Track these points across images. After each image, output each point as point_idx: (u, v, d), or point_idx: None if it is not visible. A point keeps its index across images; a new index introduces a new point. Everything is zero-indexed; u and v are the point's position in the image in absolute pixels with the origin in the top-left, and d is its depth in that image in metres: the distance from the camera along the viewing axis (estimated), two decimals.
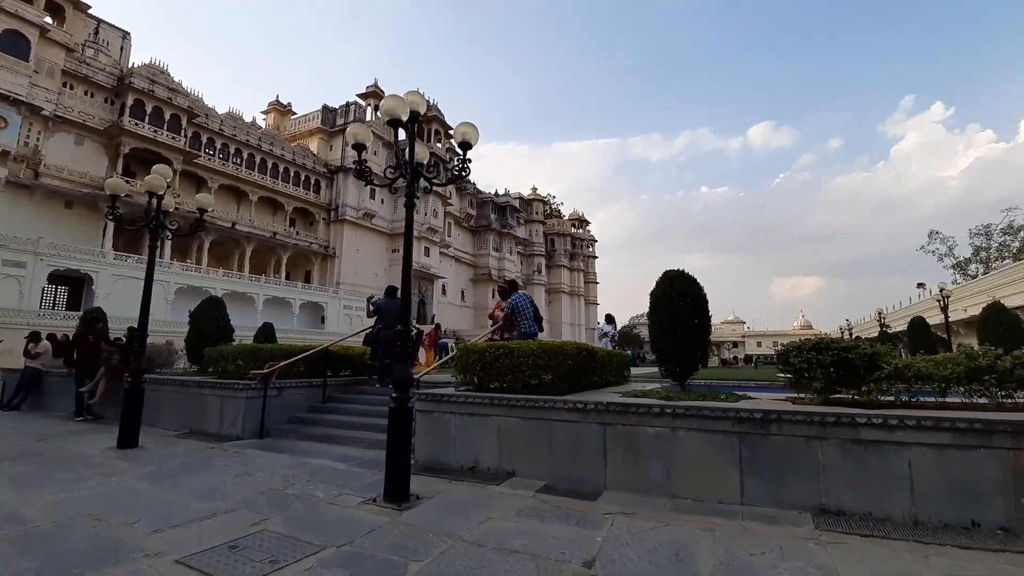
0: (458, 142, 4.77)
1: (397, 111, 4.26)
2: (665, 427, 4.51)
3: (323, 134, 47.54)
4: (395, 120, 4.30)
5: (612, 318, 13.16)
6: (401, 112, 4.28)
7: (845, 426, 4.00)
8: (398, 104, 4.25)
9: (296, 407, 7.84)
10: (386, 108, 4.24)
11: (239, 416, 7.16)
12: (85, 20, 32.96)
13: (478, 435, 5.32)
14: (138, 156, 31.77)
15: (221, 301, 10.24)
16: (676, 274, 5.56)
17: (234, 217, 38.54)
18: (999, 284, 20.60)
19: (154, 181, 6.13)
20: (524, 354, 5.38)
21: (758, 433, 4.24)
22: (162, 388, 8.33)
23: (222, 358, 8.09)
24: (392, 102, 4.23)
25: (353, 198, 45.91)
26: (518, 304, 8.38)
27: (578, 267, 78.52)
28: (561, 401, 4.93)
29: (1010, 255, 36.64)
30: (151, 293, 6.40)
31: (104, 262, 28.62)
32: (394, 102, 4.23)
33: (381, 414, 7.34)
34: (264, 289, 37.00)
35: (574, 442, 4.85)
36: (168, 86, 33.64)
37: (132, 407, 6.55)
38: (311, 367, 8.58)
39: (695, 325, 5.32)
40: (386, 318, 8.82)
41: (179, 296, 30.91)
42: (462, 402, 5.44)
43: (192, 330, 9.56)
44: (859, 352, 4.40)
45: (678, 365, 5.47)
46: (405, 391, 4.34)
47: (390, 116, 4.27)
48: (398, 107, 4.25)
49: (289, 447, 6.47)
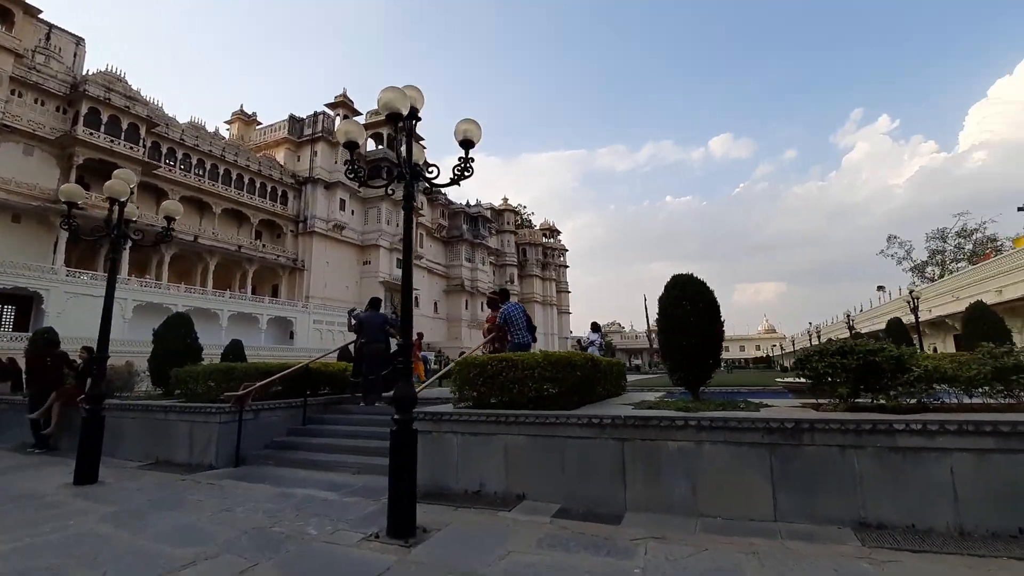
0: (459, 140, 4.42)
1: (396, 104, 3.89)
2: (688, 440, 4.22)
3: (290, 144, 46.37)
4: (394, 114, 3.93)
5: (598, 326, 12.92)
6: (401, 105, 3.91)
7: (882, 433, 3.80)
8: (397, 97, 3.88)
9: (274, 430, 7.26)
10: (385, 101, 3.87)
11: (212, 443, 6.55)
12: (36, 25, 31.26)
13: (483, 456, 4.91)
14: (93, 167, 30.14)
15: (188, 318, 9.53)
16: (686, 279, 5.32)
17: (196, 230, 37.00)
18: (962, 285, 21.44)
19: (116, 186, 5.55)
20: (529, 366, 5.03)
21: (790, 444, 3.99)
22: (124, 414, 7.61)
23: (191, 379, 7.45)
24: (391, 94, 3.86)
25: (322, 209, 44.82)
26: (510, 314, 8.04)
27: (550, 276, 78.72)
28: (574, 416, 4.59)
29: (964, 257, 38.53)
30: (112, 309, 5.78)
31: (56, 279, 26.91)
32: (393, 94, 3.86)
33: (368, 435, 6.89)
34: (229, 305, 35.53)
35: (589, 460, 4.51)
36: (125, 94, 32.17)
37: (91, 437, 5.88)
38: (288, 386, 8.01)
39: (707, 331, 5.08)
40: (369, 332, 8.33)
41: (138, 314, 29.32)
42: (464, 420, 5.03)
43: (156, 350, 8.83)
44: (885, 355, 4.22)
45: (690, 373, 5.21)
46: (408, 411, 3.92)
47: (389, 110, 3.89)
48: (397, 100, 3.89)
49: (270, 475, 5.91)
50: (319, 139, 45.50)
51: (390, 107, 3.90)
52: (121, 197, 5.63)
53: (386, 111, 3.92)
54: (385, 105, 3.89)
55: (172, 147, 36.23)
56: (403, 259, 4.21)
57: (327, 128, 46.19)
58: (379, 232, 47.81)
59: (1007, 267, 17.52)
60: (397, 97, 3.88)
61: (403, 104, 3.92)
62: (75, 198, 5.80)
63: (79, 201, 5.93)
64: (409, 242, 4.25)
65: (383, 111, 3.93)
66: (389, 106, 3.89)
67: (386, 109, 3.92)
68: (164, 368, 8.44)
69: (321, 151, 45.48)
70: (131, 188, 6.13)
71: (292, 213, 44.39)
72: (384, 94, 3.87)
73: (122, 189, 5.56)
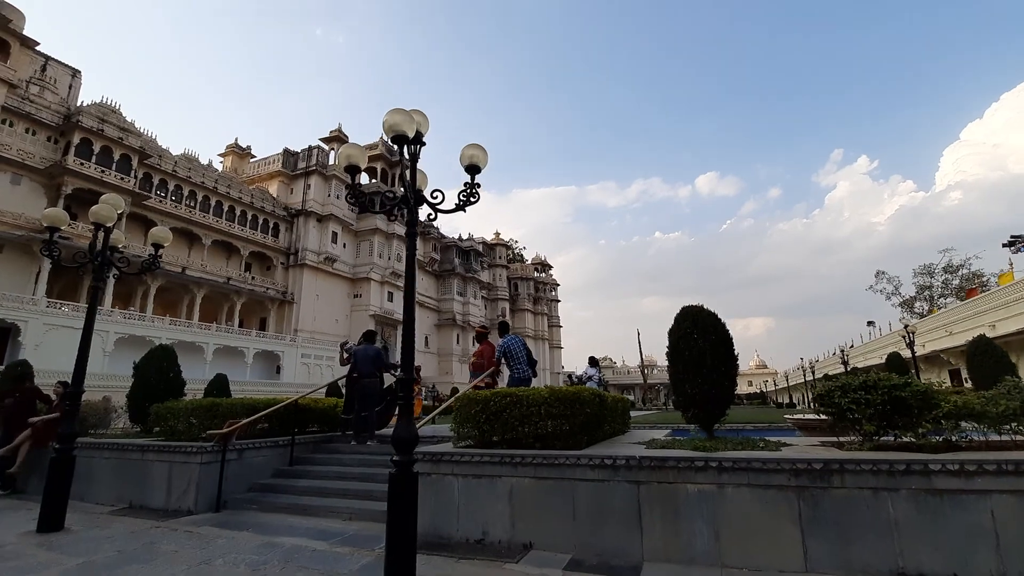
0: (465, 165, 4.28)
1: (402, 126, 3.74)
2: (709, 483, 3.94)
3: (284, 177, 46.54)
4: (399, 137, 3.78)
5: (596, 361, 12.65)
6: (407, 128, 3.77)
7: (916, 474, 3.56)
8: (403, 119, 3.74)
9: (259, 472, 6.81)
10: (391, 123, 3.72)
11: (191, 485, 6.09)
12: (32, 57, 31.51)
13: (486, 500, 4.57)
14: (82, 197, 29.82)
15: (171, 351, 9.12)
16: (696, 310, 5.14)
17: (185, 262, 36.53)
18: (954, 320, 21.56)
19: (102, 211, 5.31)
20: (535, 403, 4.76)
21: (818, 486, 3.73)
22: (96, 454, 7.11)
23: (172, 416, 7.01)
24: (398, 116, 3.72)
25: (314, 242, 44.63)
26: (510, 347, 7.79)
27: (542, 311, 78.50)
28: (584, 457, 4.29)
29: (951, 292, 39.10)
30: (90, 341, 5.44)
31: (35, 310, 26.16)
32: (400, 116, 3.72)
33: (360, 476, 6.48)
34: (215, 338, 34.74)
35: (602, 505, 4.19)
36: (119, 125, 32.22)
37: (58, 480, 5.42)
38: (274, 423, 7.60)
39: (722, 366, 4.86)
40: (361, 365, 7.98)
41: (119, 347, 28.49)
42: (466, 461, 4.70)
43: (136, 384, 8.38)
44: (912, 390, 4.03)
45: (704, 410, 4.95)
46: (409, 452, 3.61)
47: (394, 132, 3.75)
48: (403, 122, 3.74)
49: (254, 522, 5.47)
50: (313, 172, 45.74)
51: (396, 129, 3.75)
52: (107, 223, 5.39)
53: (391, 133, 3.77)
54: (391, 127, 3.75)
55: (164, 178, 36.12)
56: (405, 288, 3.99)
57: (321, 162, 46.54)
58: (371, 265, 47.60)
59: (1000, 302, 17.66)
60: (404, 120, 3.74)
61: (409, 127, 3.78)
62: (58, 223, 5.54)
63: (62, 227, 5.67)
64: (412, 271, 4.04)
65: (388, 133, 3.78)
66: (395, 128, 3.75)
67: (391, 131, 3.77)
68: (144, 404, 7.99)
69: (315, 184, 45.65)
70: (118, 214, 5.90)
71: (283, 245, 44.12)
72: (390, 116, 3.73)
73: (108, 214, 5.32)
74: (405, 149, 3.96)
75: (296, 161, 47.27)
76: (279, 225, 44.11)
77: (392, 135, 3.78)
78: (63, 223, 5.64)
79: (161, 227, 6.26)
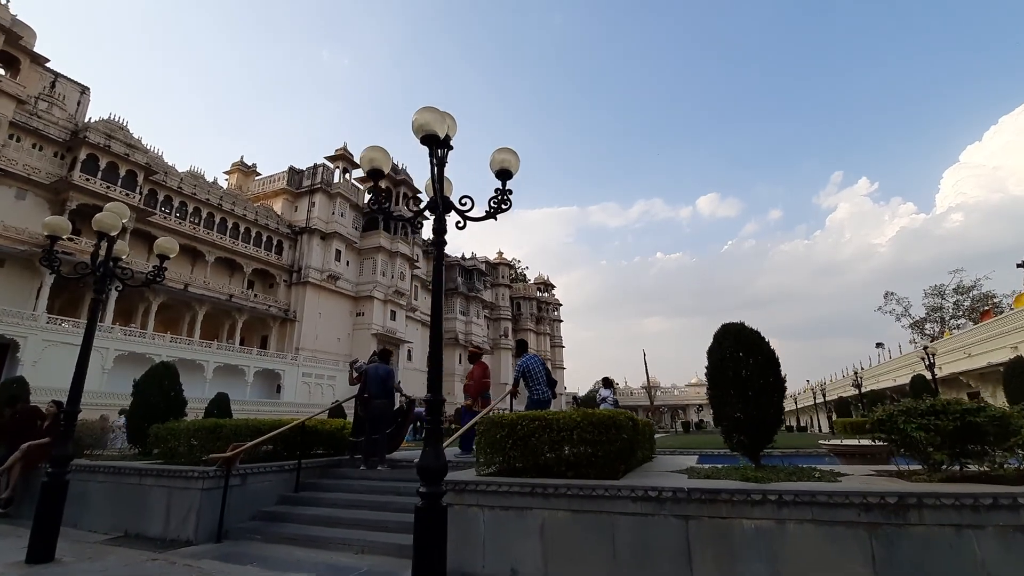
0: (495, 171, 4.00)
1: (433, 127, 3.48)
2: (768, 519, 3.56)
3: (288, 195, 46.61)
4: (429, 138, 3.51)
5: (611, 382, 12.24)
6: (437, 128, 3.50)
7: (1005, 509, 3.18)
8: (435, 119, 3.48)
9: (263, 499, 6.40)
10: (421, 122, 3.45)
11: (192, 513, 5.69)
12: (41, 73, 31.79)
13: (515, 535, 4.17)
14: (86, 213, 29.65)
15: (173, 368, 8.78)
16: (738, 328, 4.81)
17: (188, 278, 36.30)
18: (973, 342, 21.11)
19: (106, 219, 5.03)
20: (566, 427, 4.40)
21: (892, 523, 3.35)
22: (91, 477, 6.72)
23: (172, 437, 6.65)
24: (428, 115, 3.45)
25: (318, 259, 44.46)
26: (529, 367, 7.44)
27: (544, 331, 77.96)
28: (625, 488, 3.92)
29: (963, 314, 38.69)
30: (89, 357, 5.11)
31: (35, 326, 25.82)
32: (431, 115, 3.46)
33: (372, 505, 6.07)
34: (215, 356, 34.30)
35: (646, 542, 3.80)
36: (126, 142, 32.33)
37: (50, 507, 5.03)
38: (277, 446, 7.22)
39: (769, 388, 4.51)
40: (372, 385, 7.61)
41: (118, 364, 28.07)
42: (493, 491, 4.32)
43: (136, 403, 8.03)
44: (987, 415, 3.67)
45: (750, 436, 4.58)
46: (438, 483, 3.25)
47: (424, 132, 3.48)
48: (434, 122, 3.48)
49: (258, 555, 5.05)
50: (318, 190, 45.82)
51: (425, 129, 3.48)
52: (111, 231, 5.11)
53: (421, 133, 3.50)
54: (420, 127, 3.48)
55: (169, 195, 36.14)
56: (432, 301, 3.68)
57: (326, 180, 46.67)
58: (374, 283, 47.34)
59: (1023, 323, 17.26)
60: (435, 119, 3.47)
61: (440, 127, 3.52)
62: (59, 232, 5.26)
63: (63, 236, 5.39)
64: (440, 281, 3.73)
65: (417, 133, 3.51)
66: (424, 128, 3.48)
67: (421, 131, 3.50)
68: (143, 424, 7.62)
69: (319, 202, 45.69)
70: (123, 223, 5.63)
71: (287, 263, 43.95)
72: (421, 114, 3.46)
73: (112, 223, 5.04)
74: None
75: (301, 179, 47.41)
76: (283, 242, 44.01)
77: (422, 135, 3.51)
78: (64, 231, 5.35)
79: (167, 238, 5.98)
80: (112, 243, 5.25)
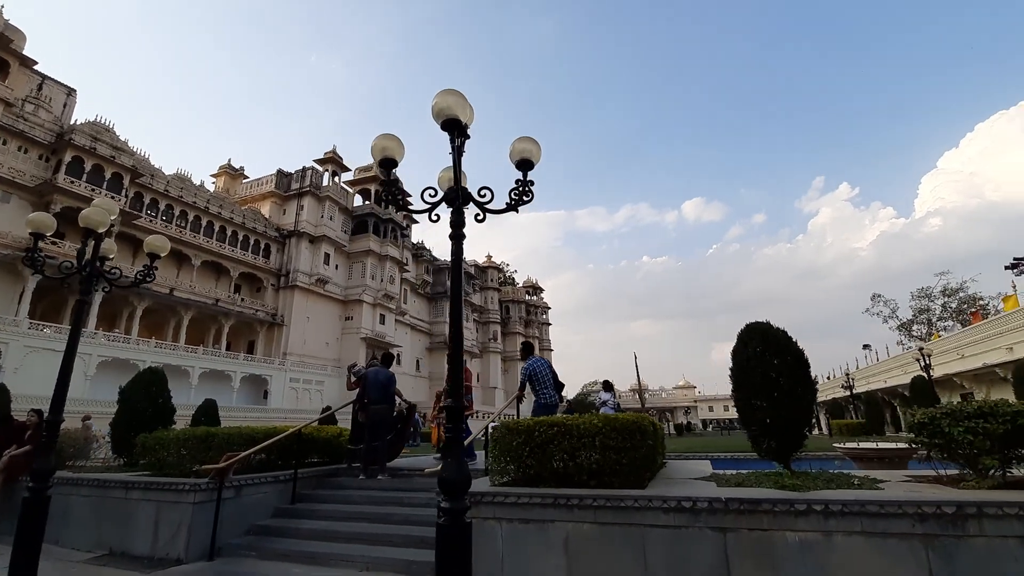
0: (515, 161, 3.75)
1: (454, 111, 3.22)
2: (813, 531, 3.32)
3: (276, 198, 45.98)
4: (451, 121, 3.25)
5: (611, 385, 11.98)
6: (459, 112, 3.24)
7: None
8: (456, 102, 3.22)
9: (258, 511, 6.04)
10: (441, 106, 3.19)
11: (182, 528, 5.32)
12: (29, 76, 31.11)
13: (536, 550, 3.89)
14: (70, 216, 28.77)
15: (161, 374, 8.36)
16: (764, 328, 4.58)
17: (173, 282, 35.55)
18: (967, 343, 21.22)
19: (94, 215, 4.69)
20: (587, 433, 4.13)
21: (950, 534, 3.12)
22: (74, 491, 6.31)
23: (161, 447, 6.26)
24: (450, 98, 3.19)
25: (306, 263, 43.84)
26: (536, 370, 7.17)
27: (533, 334, 77.58)
28: (657, 499, 3.66)
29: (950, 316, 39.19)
30: (72, 364, 4.75)
31: (17, 332, 25.03)
32: (453, 98, 3.20)
33: (375, 517, 5.74)
34: (201, 362, 33.59)
35: (681, 557, 3.54)
36: (112, 144, 31.61)
37: (31, 524, 4.62)
38: (271, 455, 6.85)
39: (799, 390, 4.29)
40: (372, 390, 7.29)
41: (102, 371, 27.31)
42: (511, 503, 4.04)
43: (121, 411, 7.62)
44: None
45: (780, 441, 4.35)
46: (461, 498, 2.97)
47: (446, 116, 3.22)
48: (456, 106, 3.22)
49: (254, 574, 4.71)
50: (306, 193, 45.25)
51: (446, 113, 3.22)
52: (98, 228, 4.76)
53: (441, 118, 3.24)
54: (441, 111, 3.22)
55: (155, 197, 35.41)
56: (452, 298, 3.39)
57: (315, 183, 46.12)
58: (363, 287, 46.78)
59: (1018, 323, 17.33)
60: (457, 103, 3.22)
61: (462, 111, 3.26)
62: (43, 229, 4.89)
63: (48, 233, 5.03)
64: (458, 278, 3.45)
65: (438, 118, 3.25)
66: (445, 112, 3.22)
67: (441, 116, 3.24)
68: (129, 433, 7.21)
69: (308, 205, 45.12)
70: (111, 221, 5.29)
71: (274, 266, 43.27)
72: (442, 97, 3.20)
73: (100, 219, 4.70)
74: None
75: (289, 182, 46.80)
76: (270, 246, 43.34)
77: (443, 119, 3.25)
78: (49, 229, 4.99)
79: (158, 236, 5.64)
80: (99, 241, 4.90)
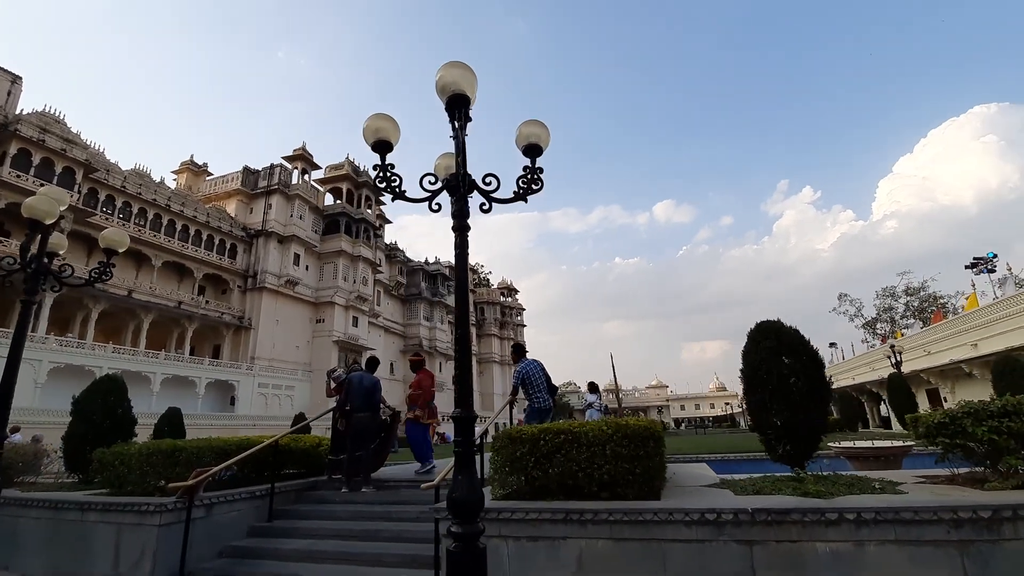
0: (523, 146, 3.44)
1: (461, 86, 2.90)
2: (845, 541, 3.13)
3: (243, 196, 44.35)
4: (456, 96, 2.92)
5: (596, 387, 11.82)
6: (466, 87, 2.92)
7: None
8: (463, 76, 2.90)
9: (231, 531, 5.56)
10: (447, 80, 2.86)
11: (146, 553, 4.81)
12: None
13: (547, 570, 3.59)
14: (16, 213, 27.13)
15: (120, 381, 7.70)
16: (777, 326, 4.42)
17: (132, 284, 33.83)
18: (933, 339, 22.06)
19: (39, 205, 4.16)
20: (597, 441, 3.87)
21: (985, 539, 2.98)
22: (23, 512, 5.70)
23: (121, 463, 5.69)
24: (456, 71, 2.87)
25: (275, 264, 42.42)
26: (529, 373, 6.86)
27: (508, 336, 77.37)
28: (678, 511, 3.41)
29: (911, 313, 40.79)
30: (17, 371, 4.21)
31: None
32: (459, 71, 2.87)
33: (363, 535, 5.32)
34: (163, 367, 32.03)
35: (703, 572, 3.30)
36: (63, 136, 29.81)
37: None
38: (245, 468, 6.36)
39: (815, 391, 4.12)
40: (356, 397, 6.87)
41: (53, 378, 25.69)
42: (518, 520, 3.72)
43: (76, 423, 6.95)
44: None
45: (795, 445, 4.18)
46: (473, 520, 2.66)
47: (452, 91, 2.89)
48: (462, 80, 2.90)
49: None
50: (275, 191, 43.79)
51: (452, 88, 2.90)
52: (46, 220, 4.23)
53: (447, 93, 2.91)
54: (446, 86, 2.89)
55: (111, 194, 33.63)
56: (456, 299, 3.07)
57: (283, 180, 44.69)
58: (335, 289, 45.59)
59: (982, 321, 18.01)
60: (463, 76, 2.90)
61: (469, 87, 2.94)
62: None
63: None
64: (464, 275, 3.13)
65: (442, 94, 2.92)
66: (451, 87, 2.90)
67: (446, 91, 2.92)
68: (84, 447, 6.59)
69: (276, 203, 43.67)
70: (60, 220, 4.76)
71: (241, 267, 41.70)
72: (447, 71, 2.87)
73: (47, 208, 4.17)
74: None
75: (256, 180, 45.20)
76: (236, 246, 41.76)
77: (448, 96, 2.92)
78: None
79: (115, 229, 5.11)
80: (47, 235, 4.37)
